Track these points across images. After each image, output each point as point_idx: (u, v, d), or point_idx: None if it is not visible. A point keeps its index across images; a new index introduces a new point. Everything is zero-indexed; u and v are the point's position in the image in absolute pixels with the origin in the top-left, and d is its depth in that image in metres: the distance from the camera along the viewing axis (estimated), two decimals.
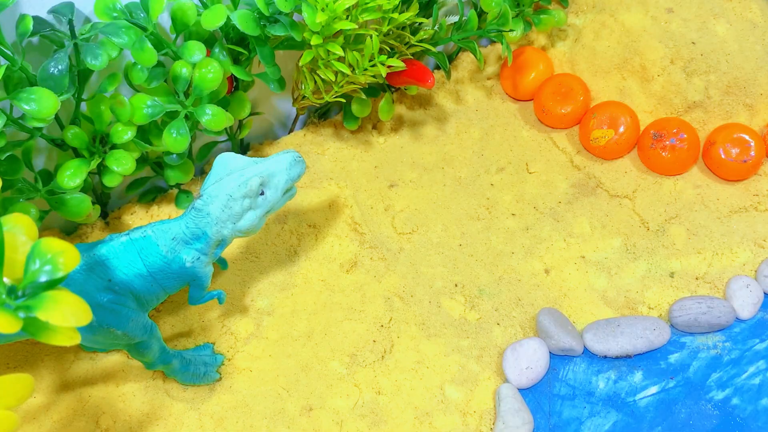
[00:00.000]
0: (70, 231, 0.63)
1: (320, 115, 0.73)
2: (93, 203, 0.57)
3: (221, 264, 0.56)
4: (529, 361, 0.55)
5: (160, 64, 0.54)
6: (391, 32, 0.63)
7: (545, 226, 0.65)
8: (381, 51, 0.62)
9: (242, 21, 0.53)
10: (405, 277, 0.61)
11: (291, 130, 0.73)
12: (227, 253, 0.61)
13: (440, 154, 0.70)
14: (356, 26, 0.57)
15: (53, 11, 0.51)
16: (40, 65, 0.49)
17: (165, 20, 0.57)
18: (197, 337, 0.56)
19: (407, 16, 0.60)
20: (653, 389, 0.55)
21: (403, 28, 0.64)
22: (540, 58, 0.74)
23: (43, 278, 0.32)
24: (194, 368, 0.53)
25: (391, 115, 0.70)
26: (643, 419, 0.54)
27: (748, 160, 0.66)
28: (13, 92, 0.47)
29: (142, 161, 0.61)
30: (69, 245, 0.33)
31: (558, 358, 0.57)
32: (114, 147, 0.55)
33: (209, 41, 0.58)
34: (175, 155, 0.60)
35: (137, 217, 0.64)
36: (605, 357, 0.57)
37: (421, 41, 0.65)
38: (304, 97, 0.65)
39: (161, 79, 0.54)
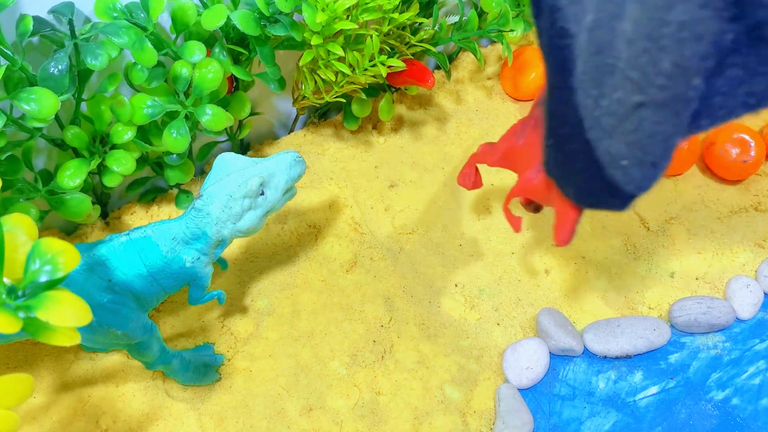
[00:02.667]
0: (70, 231, 0.63)
1: (320, 115, 0.73)
2: (93, 203, 0.57)
3: (221, 264, 0.56)
4: (529, 362, 0.55)
5: (160, 64, 0.54)
6: (391, 32, 0.63)
7: (546, 226, 0.65)
8: (381, 51, 0.62)
9: (242, 21, 0.53)
10: (405, 277, 0.61)
11: (291, 130, 0.73)
12: (227, 253, 0.61)
13: (440, 154, 0.70)
14: (356, 26, 0.57)
15: (53, 11, 0.51)
16: (40, 65, 0.49)
17: (165, 20, 0.57)
18: (197, 337, 0.56)
19: (407, 16, 0.60)
20: (653, 389, 0.55)
21: (404, 28, 0.64)
22: (540, 58, 0.74)
23: (43, 278, 0.32)
24: (194, 368, 0.53)
25: (391, 115, 0.70)
26: (643, 419, 0.54)
27: (748, 160, 0.66)
28: (13, 92, 0.47)
29: (142, 161, 0.61)
30: (69, 245, 0.33)
31: (558, 359, 0.57)
32: (114, 147, 0.55)
33: (209, 41, 0.58)
34: (175, 155, 0.60)
35: (137, 217, 0.64)
36: (605, 357, 0.57)
37: (421, 41, 0.65)
38: (304, 97, 0.65)
39: (161, 79, 0.54)
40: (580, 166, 0.39)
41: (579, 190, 0.41)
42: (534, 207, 0.50)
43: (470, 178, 0.54)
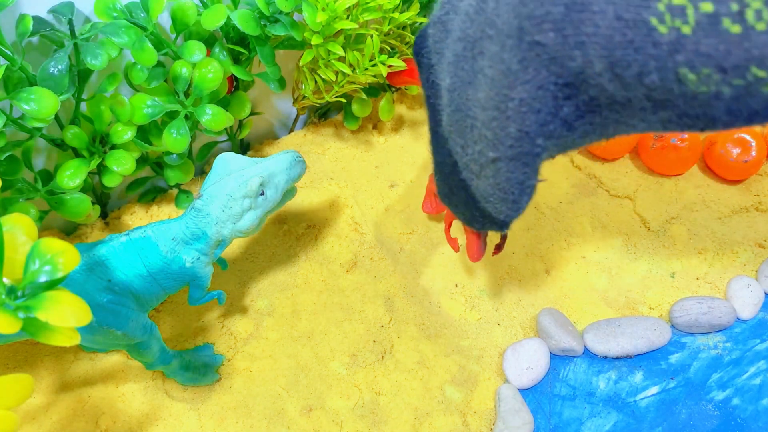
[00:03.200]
0: (69, 231, 0.62)
1: (320, 115, 0.73)
2: (93, 203, 0.57)
3: (221, 264, 0.56)
4: (529, 362, 0.55)
5: (160, 64, 0.54)
6: (391, 32, 0.63)
7: (546, 226, 0.65)
8: (381, 51, 0.62)
9: (242, 21, 0.53)
10: (405, 277, 0.61)
11: (291, 130, 0.73)
12: (227, 253, 0.61)
13: None
14: (357, 26, 0.57)
15: (53, 11, 0.51)
16: (40, 65, 0.49)
17: (165, 20, 0.57)
18: (197, 337, 0.56)
19: (408, 15, 0.60)
20: (654, 389, 0.55)
21: (404, 28, 0.64)
22: None
23: (43, 278, 0.32)
24: (194, 368, 0.53)
25: (392, 115, 0.70)
26: (644, 419, 0.53)
27: (749, 159, 0.66)
28: (12, 92, 0.47)
29: (142, 161, 0.61)
30: (69, 245, 0.33)
31: (558, 359, 0.57)
32: (114, 147, 0.55)
33: (209, 41, 0.58)
34: (175, 155, 0.60)
35: (137, 217, 0.64)
36: (606, 357, 0.57)
37: None
38: (304, 97, 0.65)
39: (161, 79, 0.54)
40: (462, 199, 0.45)
41: (465, 217, 0.48)
42: (497, 249, 0.56)
43: (432, 205, 0.61)
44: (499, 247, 0.56)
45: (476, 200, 0.44)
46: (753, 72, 0.30)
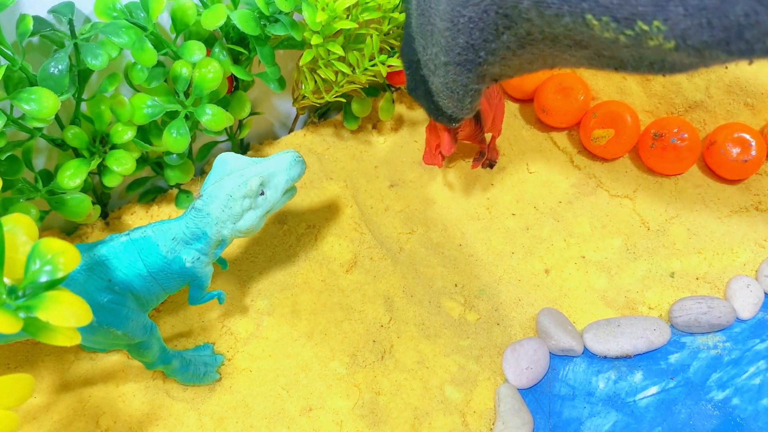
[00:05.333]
0: (70, 231, 0.63)
1: (320, 115, 0.73)
2: (93, 203, 0.57)
3: (221, 264, 0.56)
4: (529, 361, 0.55)
5: (160, 64, 0.54)
6: (391, 31, 0.63)
7: (545, 226, 0.65)
8: (381, 50, 0.62)
9: (242, 21, 0.53)
10: (405, 277, 0.61)
11: (291, 130, 0.73)
12: (227, 253, 0.61)
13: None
14: (356, 26, 0.57)
15: (53, 11, 0.51)
16: (40, 65, 0.49)
17: (165, 20, 0.57)
18: (197, 337, 0.56)
19: None
20: (653, 389, 0.55)
21: None
22: None
23: (44, 278, 0.32)
24: (194, 368, 0.53)
25: (392, 115, 0.70)
26: (643, 419, 0.54)
27: (749, 159, 0.66)
28: (13, 92, 0.47)
29: (142, 161, 0.61)
30: (69, 245, 0.33)
31: (558, 358, 0.57)
32: (114, 147, 0.55)
33: (209, 41, 0.58)
34: (175, 155, 0.60)
35: (137, 217, 0.64)
36: (605, 357, 0.57)
37: None
38: (304, 96, 0.65)
39: (161, 79, 0.54)
40: (422, 92, 0.54)
41: (426, 108, 0.55)
42: (488, 164, 0.66)
43: (431, 156, 0.67)
44: (491, 164, 0.66)
45: (432, 94, 0.52)
46: (639, 25, 0.35)
